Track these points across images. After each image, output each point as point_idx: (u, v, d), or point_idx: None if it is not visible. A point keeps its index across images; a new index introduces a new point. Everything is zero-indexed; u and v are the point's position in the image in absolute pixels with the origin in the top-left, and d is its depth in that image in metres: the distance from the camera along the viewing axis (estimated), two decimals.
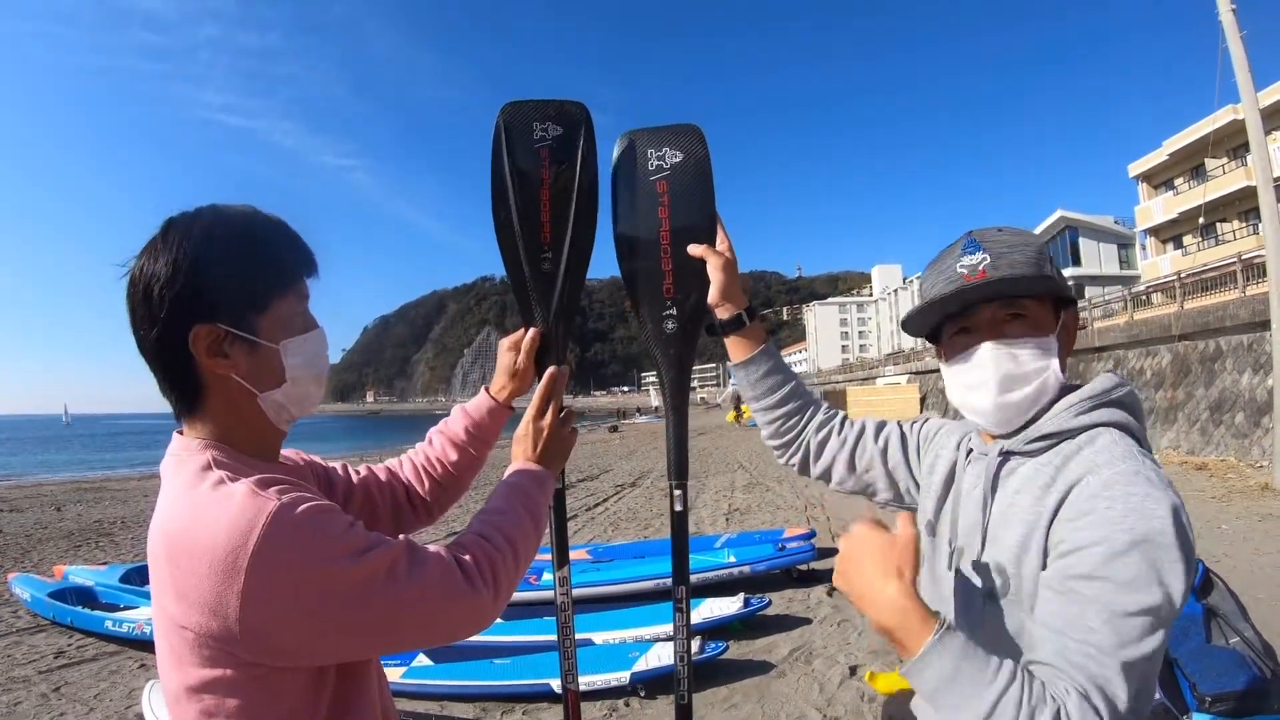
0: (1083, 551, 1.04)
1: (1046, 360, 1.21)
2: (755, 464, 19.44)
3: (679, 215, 1.52)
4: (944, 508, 1.38)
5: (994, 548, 1.21)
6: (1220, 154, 32.69)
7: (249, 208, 1.15)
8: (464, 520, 12.50)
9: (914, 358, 44.60)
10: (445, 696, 5.13)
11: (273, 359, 1.12)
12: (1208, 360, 15.95)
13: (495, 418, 1.57)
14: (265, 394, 1.12)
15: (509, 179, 1.49)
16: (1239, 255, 19.58)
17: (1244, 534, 8.46)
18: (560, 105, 1.52)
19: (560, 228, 1.50)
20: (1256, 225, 26.56)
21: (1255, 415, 13.93)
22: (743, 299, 1.56)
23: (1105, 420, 1.19)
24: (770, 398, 1.61)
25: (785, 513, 11.71)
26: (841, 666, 5.29)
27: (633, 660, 5.05)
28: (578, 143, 1.50)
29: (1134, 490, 1.04)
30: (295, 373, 1.14)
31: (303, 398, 1.18)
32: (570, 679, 1.56)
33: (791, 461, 1.66)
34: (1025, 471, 1.22)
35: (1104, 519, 1.03)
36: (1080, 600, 1.02)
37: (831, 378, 70.63)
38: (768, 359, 1.59)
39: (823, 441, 1.62)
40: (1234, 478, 12.33)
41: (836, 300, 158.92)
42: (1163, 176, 38.81)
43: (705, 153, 1.52)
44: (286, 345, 1.13)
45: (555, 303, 1.51)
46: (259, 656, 0.97)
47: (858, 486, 1.60)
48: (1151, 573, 0.99)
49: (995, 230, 1.25)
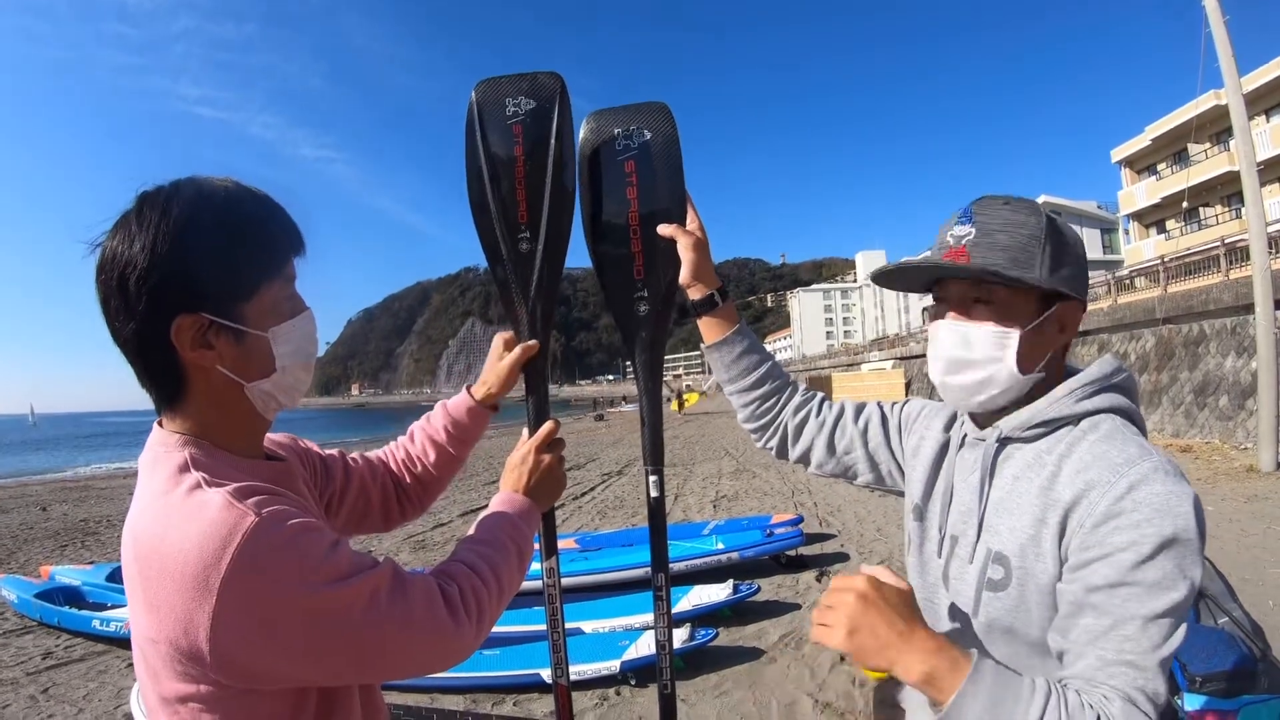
0: (1110, 558, 1.01)
1: (1000, 353, 1.16)
2: (742, 451, 19.46)
3: (648, 195, 1.49)
4: (933, 491, 1.35)
5: (992, 536, 1.18)
6: (1203, 139, 32.86)
7: (231, 181, 1.06)
8: (449, 511, 12.47)
9: (898, 343, 44.78)
10: (435, 688, 5.10)
11: (261, 348, 1.05)
12: (1191, 344, 16.06)
13: (475, 419, 1.53)
14: (253, 384, 1.06)
15: (483, 158, 1.46)
16: (1222, 239, 19.73)
17: (1230, 515, 8.53)
18: (534, 78, 1.47)
19: (537, 205, 1.46)
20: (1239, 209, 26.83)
21: (1239, 398, 14.05)
22: (715, 279, 1.53)
23: (1107, 406, 1.16)
24: (745, 379, 1.58)
25: (772, 499, 11.75)
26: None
27: (622, 649, 5.04)
28: (552, 115, 1.46)
29: (1156, 489, 1.01)
30: (284, 361, 1.08)
31: (292, 386, 1.12)
32: (561, 672, 1.53)
33: (769, 444, 1.63)
34: (1024, 457, 1.19)
35: (1130, 523, 1.00)
36: (1109, 611, 1.00)
37: (817, 364, 70.68)
38: (741, 339, 1.56)
39: (801, 423, 1.59)
40: (1219, 460, 12.43)
41: (821, 287, 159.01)
42: (1145, 162, 39.03)
43: (674, 131, 1.48)
44: (276, 332, 1.06)
45: (535, 283, 1.48)
46: (229, 679, 0.91)
47: (838, 469, 1.57)
48: (1177, 570, 0.98)
49: (1001, 203, 1.18)
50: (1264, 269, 11.33)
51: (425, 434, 1.53)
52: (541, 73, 1.47)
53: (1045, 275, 1.14)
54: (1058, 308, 1.18)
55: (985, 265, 1.14)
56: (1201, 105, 28.67)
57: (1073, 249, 1.18)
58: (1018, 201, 1.19)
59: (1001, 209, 1.18)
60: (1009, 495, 1.17)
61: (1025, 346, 1.16)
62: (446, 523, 11.75)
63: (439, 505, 13.98)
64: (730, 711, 4.56)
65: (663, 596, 1.51)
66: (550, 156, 1.45)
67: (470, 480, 16.62)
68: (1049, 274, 1.14)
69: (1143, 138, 37.95)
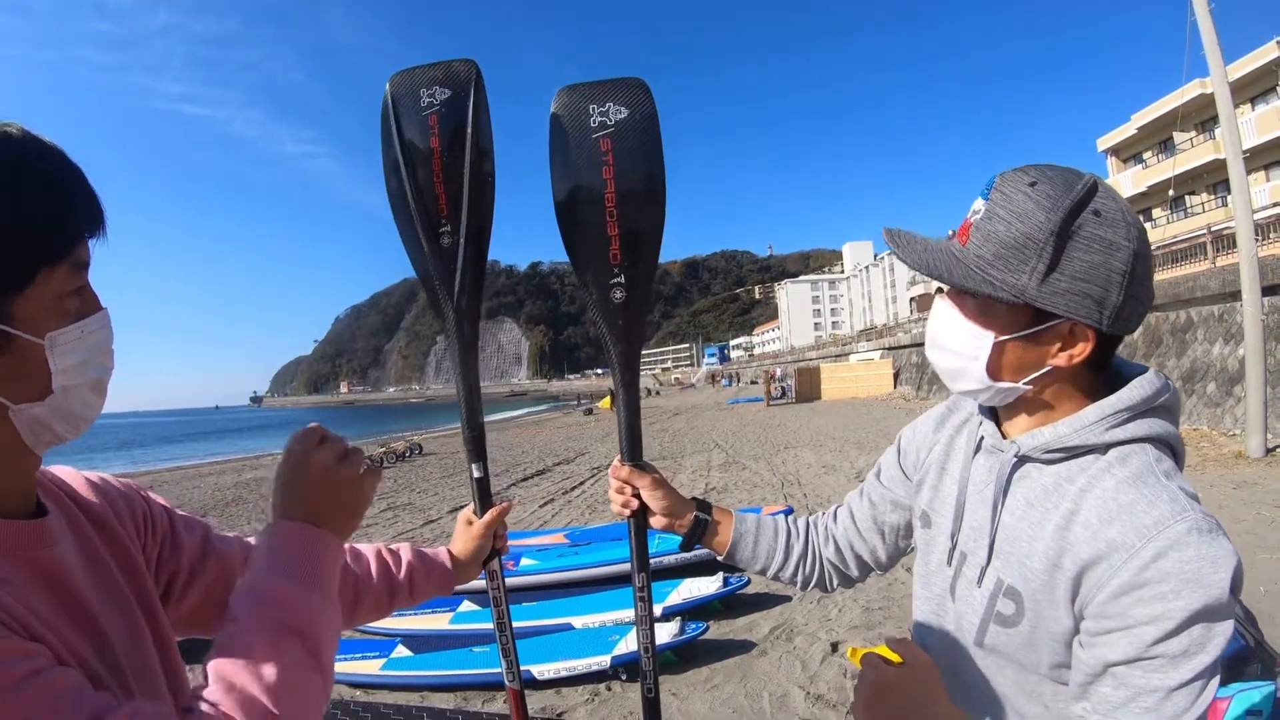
0: (1130, 631, 0.91)
1: (974, 352, 1.05)
2: (731, 443, 19.50)
3: (625, 175, 1.40)
4: (940, 496, 1.25)
5: (1003, 564, 1.08)
6: (1189, 127, 33.17)
7: (16, 127, 0.78)
8: (438, 508, 12.40)
9: (886, 333, 44.90)
10: (426, 687, 5.08)
11: (33, 359, 0.77)
12: (1179, 331, 16.13)
13: (442, 579, 1.40)
14: (20, 407, 0.77)
15: (399, 151, 1.41)
16: (1208, 227, 19.81)
17: (1219, 502, 8.54)
18: (447, 66, 1.41)
19: (456, 197, 1.41)
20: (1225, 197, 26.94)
21: (1227, 385, 14.11)
22: (689, 503, 1.45)
23: (1142, 435, 1.01)
24: (781, 560, 1.48)
25: (762, 490, 11.78)
26: (823, 643, 5.29)
27: (613, 644, 5.03)
28: (467, 104, 1.40)
29: (1187, 556, 0.89)
30: (67, 380, 0.79)
31: (77, 413, 0.83)
32: (512, 676, 1.48)
33: (836, 587, 1.53)
34: (1041, 482, 1.06)
35: (1155, 594, 0.89)
36: (1128, 684, 0.91)
37: (805, 355, 70.95)
38: (749, 530, 1.47)
39: (837, 549, 1.48)
40: (1207, 446, 12.47)
41: (809, 278, 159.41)
42: (1131, 150, 39.35)
43: (652, 107, 1.41)
44: (55, 339, 0.78)
45: (459, 278, 1.43)
46: None
47: (904, 537, 1.43)
48: (1205, 636, 0.88)
49: (1027, 181, 1.00)
50: (1251, 256, 11.36)
51: (381, 560, 1.33)
52: (456, 60, 1.42)
53: (1031, 284, 0.98)
54: (1063, 324, 1.00)
55: (968, 258, 1.03)
56: (1187, 94, 28.88)
57: (1098, 259, 0.96)
58: (1049, 181, 0.99)
59: (1022, 189, 1.00)
60: (1022, 522, 1.06)
61: (1002, 355, 1.04)
62: (437, 519, 11.71)
63: (428, 501, 13.96)
64: (722, 705, 4.54)
65: (644, 598, 1.46)
66: (468, 146, 1.40)
67: (461, 475, 16.57)
68: (1038, 283, 0.97)
69: (1128, 126, 38.25)
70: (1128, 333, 1.02)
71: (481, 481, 1.46)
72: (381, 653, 5.42)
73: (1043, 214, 0.96)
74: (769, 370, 51.84)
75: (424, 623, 6.01)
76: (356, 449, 0.98)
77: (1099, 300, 0.97)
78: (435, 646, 5.45)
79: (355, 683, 5.22)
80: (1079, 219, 0.95)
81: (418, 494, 15.41)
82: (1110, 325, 0.98)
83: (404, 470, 20.75)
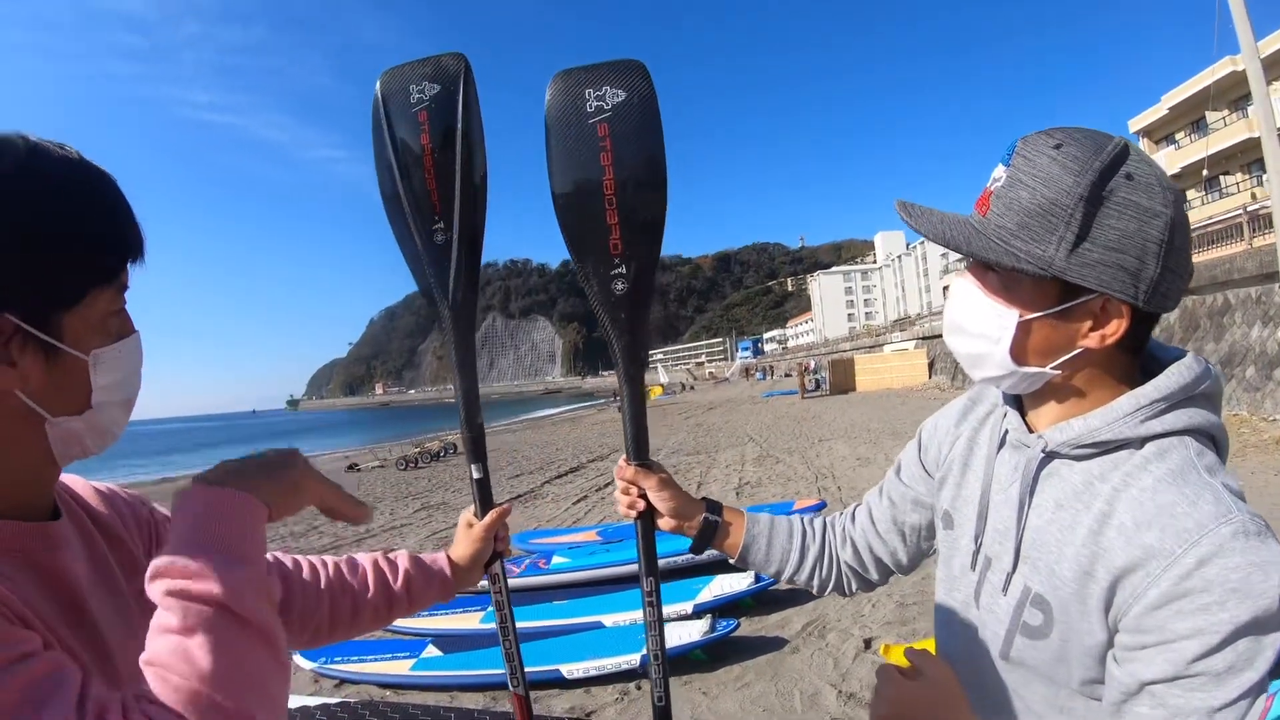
0: (1169, 646, 0.83)
1: (996, 334, 0.97)
2: (765, 436, 19.40)
3: (624, 161, 1.34)
4: (963, 495, 1.17)
5: (1031, 572, 0.99)
6: (1221, 106, 32.58)
7: (64, 149, 0.80)
8: None
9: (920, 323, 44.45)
10: (456, 687, 5.09)
11: (77, 374, 0.80)
12: (1216, 314, 15.75)
13: (442, 586, 1.38)
14: (58, 420, 0.80)
15: (390, 149, 1.39)
16: (1244, 207, 19.39)
17: (1260, 489, 8.32)
18: (436, 61, 1.39)
19: (449, 194, 1.38)
20: (1260, 177, 26.41)
21: (1267, 368, 13.73)
22: (698, 504, 1.39)
23: (1182, 426, 0.92)
24: (796, 562, 1.41)
25: (796, 484, 11.67)
26: (856, 639, 5.21)
27: (643, 642, 4.97)
28: (457, 98, 1.37)
29: (1233, 563, 0.81)
30: (104, 395, 0.83)
31: (106, 429, 0.86)
32: (516, 681, 1.45)
33: (855, 590, 1.46)
34: (1071, 480, 0.97)
35: (1197, 606, 0.81)
36: (1166, 703, 0.83)
37: (839, 346, 70.37)
38: (761, 532, 1.41)
39: (855, 550, 1.41)
40: (1247, 432, 12.15)
41: (841, 269, 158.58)
42: (1163, 131, 38.81)
43: (651, 90, 1.34)
44: (99, 356, 0.81)
45: (454, 275, 1.40)
46: None
47: (927, 537, 1.36)
48: (1253, 651, 0.79)
49: (1053, 144, 0.91)
50: None
51: (378, 570, 1.32)
52: (445, 55, 1.39)
53: (1059, 255, 0.89)
54: (1094, 300, 0.91)
55: (989, 229, 0.95)
56: (1218, 72, 28.43)
57: (1131, 227, 0.88)
58: (1076, 143, 0.90)
59: (1047, 152, 0.91)
60: (1051, 525, 0.98)
61: (1028, 336, 0.96)
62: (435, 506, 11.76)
63: (462, 501, 14.01)
64: (753, 704, 4.48)
65: (653, 602, 1.40)
66: (459, 141, 1.37)
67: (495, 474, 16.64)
68: (1067, 254, 0.89)
69: (1159, 107, 37.81)
70: (1166, 310, 0.93)
71: (482, 483, 1.42)
72: (412, 653, 5.43)
73: (1070, 178, 0.88)
74: (803, 363, 51.54)
75: (454, 622, 6.02)
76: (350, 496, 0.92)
77: (1134, 273, 0.88)
78: (465, 646, 5.45)
79: (385, 683, 5.24)
80: (1110, 183, 0.87)
81: (452, 493, 15.52)
82: (1147, 301, 0.89)
83: (438, 470, 20.93)
